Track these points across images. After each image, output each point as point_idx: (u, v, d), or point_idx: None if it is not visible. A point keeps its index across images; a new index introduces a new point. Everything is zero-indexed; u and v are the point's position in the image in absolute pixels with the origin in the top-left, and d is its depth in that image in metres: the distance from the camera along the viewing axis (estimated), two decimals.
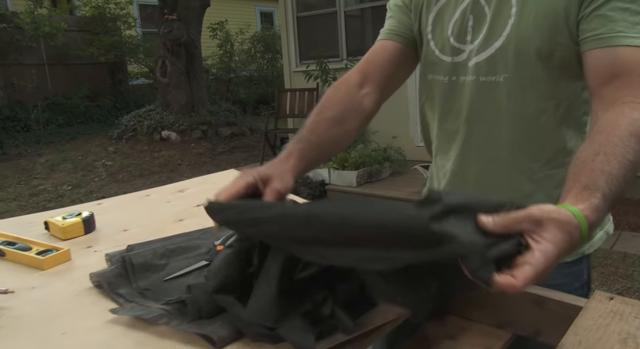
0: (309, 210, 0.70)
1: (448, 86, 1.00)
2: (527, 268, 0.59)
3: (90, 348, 0.70)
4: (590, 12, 0.82)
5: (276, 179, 0.81)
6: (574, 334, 0.70)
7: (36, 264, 1.00)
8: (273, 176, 0.82)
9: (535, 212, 0.61)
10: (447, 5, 0.98)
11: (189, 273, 0.90)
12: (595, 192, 0.67)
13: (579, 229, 0.63)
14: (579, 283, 0.99)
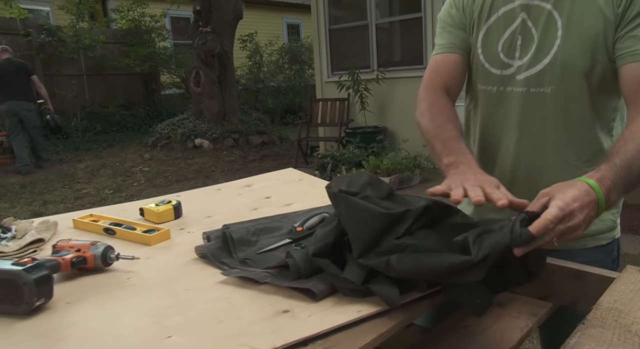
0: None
1: (497, 95, 1.15)
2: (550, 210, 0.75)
3: (212, 299, 0.87)
4: (625, 33, 0.98)
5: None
6: (610, 295, 0.85)
7: (144, 240, 1.18)
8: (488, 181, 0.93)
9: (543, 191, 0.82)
10: (496, 24, 1.14)
11: (276, 248, 1.07)
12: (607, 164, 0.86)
13: (589, 185, 0.81)
14: (610, 259, 1.14)
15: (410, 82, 5.69)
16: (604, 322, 0.77)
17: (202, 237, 1.15)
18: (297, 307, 0.82)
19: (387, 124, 5.90)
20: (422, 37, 5.52)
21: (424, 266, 0.79)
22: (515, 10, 1.11)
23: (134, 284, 0.96)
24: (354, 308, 0.81)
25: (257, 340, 0.73)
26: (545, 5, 1.07)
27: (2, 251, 1.12)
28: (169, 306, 0.86)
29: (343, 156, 5.11)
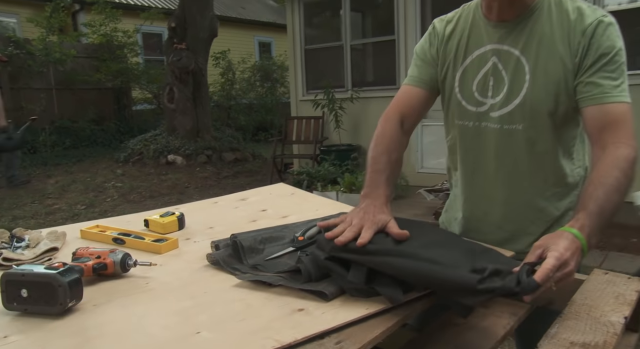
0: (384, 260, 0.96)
1: (473, 130, 1.29)
2: (548, 260, 0.88)
3: (230, 300, 0.96)
4: (584, 80, 1.14)
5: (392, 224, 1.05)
6: (581, 293, 0.98)
7: (154, 249, 1.25)
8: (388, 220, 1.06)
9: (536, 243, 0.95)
10: (471, 65, 1.28)
11: (282, 256, 1.16)
12: (583, 212, 0.99)
13: (573, 234, 0.94)
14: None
15: (384, 102, 5.85)
16: (577, 315, 0.90)
17: (210, 245, 1.23)
18: (310, 306, 0.92)
19: (360, 142, 6.06)
20: (395, 59, 5.73)
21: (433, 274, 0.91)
22: (487, 54, 1.25)
23: (153, 288, 1.04)
24: (362, 306, 0.91)
25: (279, 334, 0.82)
26: (513, 51, 1.21)
27: (19, 259, 1.17)
28: (191, 307, 0.94)
29: (318, 173, 5.23)
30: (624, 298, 0.95)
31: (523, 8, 1.20)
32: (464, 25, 1.30)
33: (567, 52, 1.16)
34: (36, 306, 0.91)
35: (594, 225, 0.97)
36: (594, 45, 1.13)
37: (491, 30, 1.24)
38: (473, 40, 1.27)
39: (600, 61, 1.13)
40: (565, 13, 1.18)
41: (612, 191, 1.02)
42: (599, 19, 1.14)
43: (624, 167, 1.05)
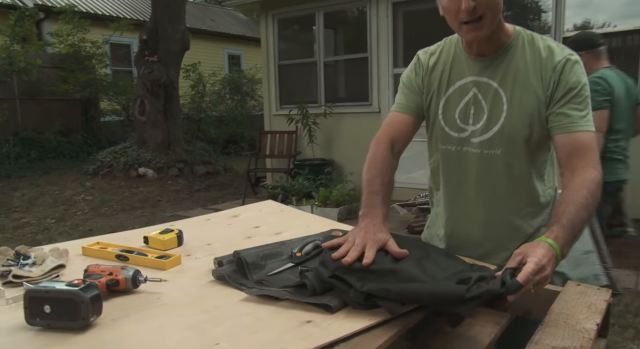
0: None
1: (455, 154, 1.41)
2: (529, 265, 0.99)
3: (241, 314, 1.03)
4: (555, 110, 1.27)
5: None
6: (558, 303, 1.10)
7: (158, 266, 1.31)
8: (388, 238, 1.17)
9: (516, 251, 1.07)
10: (453, 95, 1.40)
11: (283, 271, 1.24)
12: (557, 225, 1.12)
13: (549, 244, 1.06)
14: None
15: (356, 118, 6.03)
16: (556, 323, 1.01)
17: (213, 261, 1.29)
18: (317, 318, 1.00)
19: (333, 157, 6.18)
20: (367, 76, 5.89)
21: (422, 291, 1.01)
22: (468, 85, 1.37)
23: (165, 303, 1.10)
24: (364, 317, 1.00)
25: (292, 345, 0.90)
26: (492, 83, 1.34)
27: (28, 276, 1.21)
28: (205, 321, 1.00)
29: (293, 187, 5.30)
30: (595, 307, 1.07)
31: (500, 45, 1.33)
32: (446, 57, 1.42)
33: (540, 86, 1.29)
34: (59, 321, 0.96)
35: (566, 237, 1.09)
36: (563, 80, 1.27)
37: (471, 64, 1.37)
38: (455, 71, 1.39)
39: (568, 94, 1.27)
40: (537, 51, 1.31)
41: (582, 208, 1.15)
42: (567, 57, 1.28)
43: (591, 187, 1.18)
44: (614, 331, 2.90)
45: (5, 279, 1.21)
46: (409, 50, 5.91)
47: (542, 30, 4.88)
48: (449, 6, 1.25)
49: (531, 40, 1.33)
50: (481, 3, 1.21)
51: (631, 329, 2.92)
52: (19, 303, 1.10)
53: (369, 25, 5.80)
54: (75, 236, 5.01)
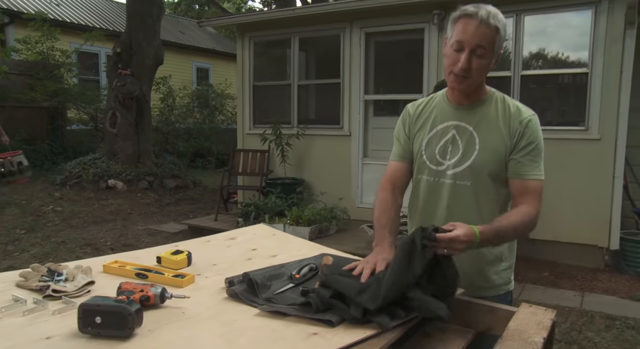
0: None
1: (433, 184, 1.67)
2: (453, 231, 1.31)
3: (257, 326, 1.24)
4: (515, 158, 1.57)
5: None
6: (514, 321, 1.35)
7: (176, 283, 1.50)
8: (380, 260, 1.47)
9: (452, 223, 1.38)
10: (435, 135, 1.67)
11: (286, 290, 1.45)
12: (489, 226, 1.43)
13: (474, 230, 1.36)
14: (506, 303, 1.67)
15: (327, 140, 6.30)
16: (512, 337, 1.26)
17: (224, 281, 1.50)
18: (322, 331, 1.22)
19: (304, 177, 6.41)
20: (339, 100, 6.17)
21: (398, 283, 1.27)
22: (449, 128, 1.65)
23: (190, 317, 1.30)
24: (360, 330, 1.23)
25: None
26: (468, 127, 1.62)
27: (65, 290, 1.39)
28: (229, 331, 1.21)
29: (266, 205, 5.49)
30: (543, 325, 1.33)
31: (477, 98, 1.62)
32: (432, 106, 1.72)
33: (507, 133, 1.57)
34: (107, 330, 1.15)
35: (490, 236, 1.42)
36: (527, 134, 1.56)
37: (453, 111, 1.65)
38: (439, 116, 1.68)
39: (528, 147, 1.56)
40: (508, 107, 1.61)
41: (511, 226, 1.49)
42: (531, 116, 1.58)
43: (524, 217, 1.51)
44: (560, 346, 3.22)
45: (44, 293, 1.38)
46: (379, 77, 6.25)
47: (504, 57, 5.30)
48: (451, 55, 1.53)
49: (502, 99, 1.63)
50: (473, 69, 1.50)
51: (575, 344, 3.25)
52: (63, 314, 1.28)
53: (342, 53, 6.10)
54: (48, 248, 5.04)
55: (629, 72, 4.59)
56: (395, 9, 5.58)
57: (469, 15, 1.50)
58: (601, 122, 4.79)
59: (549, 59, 5.24)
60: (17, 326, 1.21)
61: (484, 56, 1.50)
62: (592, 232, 4.87)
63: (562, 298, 4.13)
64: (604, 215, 4.79)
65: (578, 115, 5.05)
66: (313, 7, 6.28)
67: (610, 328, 3.54)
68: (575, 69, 5.05)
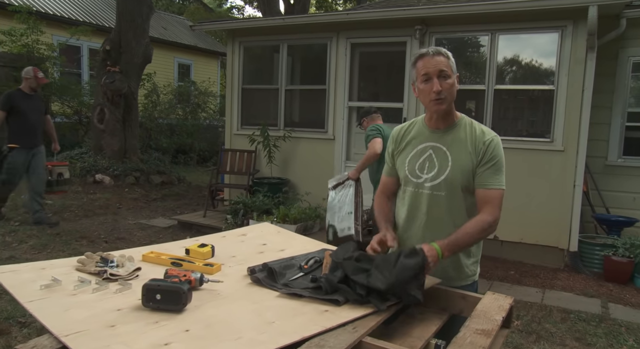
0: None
1: (414, 194, 2.03)
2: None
3: (279, 305, 1.56)
4: (478, 172, 1.92)
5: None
6: (481, 304, 1.72)
7: (206, 271, 1.82)
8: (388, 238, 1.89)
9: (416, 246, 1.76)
10: (415, 154, 2.03)
11: (298, 277, 1.79)
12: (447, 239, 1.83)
13: (435, 247, 1.76)
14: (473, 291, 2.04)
15: (312, 143, 6.63)
16: (479, 316, 1.63)
17: (246, 270, 1.82)
18: (331, 309, 1.56)
19: (289, 177, 6.73)
20: (325, 106, 6.52)
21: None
22: (427, 148, 2.01)
23: (225, 297, 1.62)
24: (361, 309, 1.57)
25: (324, 323, 1.45)
26: (442, 147, 1.98)
27: (119, 274, 1.69)
28: (259, 309, 1.54)
29: (254, 203, 5.80)
30: (502, 307, 1.70)
31: (450, 123, 1.99)
32: (414, 129, 2.08)
33: (473, 152, 1.94)
34: (165, 305, 1.47)
35: (450, 247, 1.82)
36: (489, 152, 1.93)
37: (430, 134, 2.02)
38: (418, 138, 2.05)
39: (490, 162, 1.92)
40: (474, 130, 1.97)
41: (467, 235, 1.87)
42: (493, 137, 1.95)
43: (478, 224, 1.88)
44: (521, 336, 3.63)
45: (102, 276, 1.69)
46: (363, 85, 6.62)
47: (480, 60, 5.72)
48: (424, 88, 1.92)
49: (470, 123, 2.00)
50: (444, 89, 1.89)
51: (534, 334, 3.67)
52: (123, 293, 1.59)
53: (329, 61, 6.44)
54: (44, 239, 5.26)
55: (590, 91, 5.06)
56: (379, 23, 5.95)
57: (422, 55, 1.94)
58: (565, 135, 5.25)
59: (519, 75, 5.69)
60: (90, 301, 1.52)
61: (449, 77, 1.90)
62: (554, 235, 5.34)
63: (525, 293, 4.56)
64: (565, 220, 5.26)
65: (545, 127, 5.51)
66: (302, 17, 6.61)
67: (565, 320, 3.97)
68: (542, 85, 5.51)
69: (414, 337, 1.66)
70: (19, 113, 5.66)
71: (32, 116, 5.78)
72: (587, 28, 4.79)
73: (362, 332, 1.44)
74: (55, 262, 1.85)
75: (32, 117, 5.78)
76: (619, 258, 4.99)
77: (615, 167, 5.98)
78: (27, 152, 5.74)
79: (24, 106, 5.72)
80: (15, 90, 5.92)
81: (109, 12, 15.09)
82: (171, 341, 1.29)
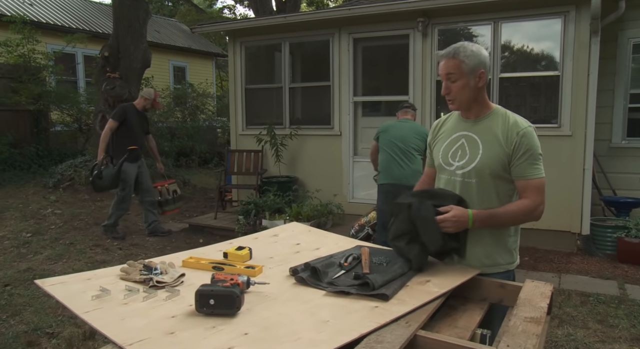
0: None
1: (447, 181, 2.07)
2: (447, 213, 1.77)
3: (329, 304, 1.58)
4: (516, 163, 1.96)
5: None
6: (523, 292, 1.74)
7: (249, 273, 1.83)
8: None
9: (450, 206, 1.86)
10: (449, 144, 2.07)
11: (340, 276, 1.81)
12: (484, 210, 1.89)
13: (468, 213, 1.85)
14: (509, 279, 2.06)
15: (319, 139, 6.65)
16: (524, 304, 1.65)
17: (288, 270, 1.84)
18: (380, 304, 1.58)
19: (298, 175, 6.75)
20: (330, 102, 6.53)
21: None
22: (460, 137, 2.05)
23: (274, 299, 1.64)
24: (409, 303, 1.59)
25: (376, 318, 1.47)
26: (474, 136, 2.02)
27: (165, 281, 1.71)
28: (311, 308, 1.55)
29: (265, 203, 5.82)
30: (545, 294, 1.73)
31: (481, 114, 2.04)
32: (450, 120, 2.16)
33: (505, 142, 1.97)
34: (218, 309, 1.48)
35: (483, 217, 1.90)
36: (523, 143, 1.95)
37: (463, 123, 2.07)
38: (453, 128, 2.11)
39: (526, 154, 1.95)
40: (508, 120, 2.00)
41: (506, 212, 1.94)
42: (526, 127, 1.97)
43: (520, 206, 1.95)
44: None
45: (148, 284, 1.71)
46: (367, 80, 6.63)
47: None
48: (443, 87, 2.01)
49: (504, 113, 2.03)
50: (452, 92, 1.98)
51: (556, 318, 3.70)
52: (173, 300, 1.61)
53: (332, 57, 6.45)
54: (59, 249, 5.26)
55: (595, 75, 5.09)
56: (381, 17, 5.96)
57: (441, 56, 2.01)
58: (572, 120, 5.28)
59: (524, 63, 5.71)
60: (143, 309, 1.53)
61: (456, 79, 1.96)
62: (566, 220, 5.37)
63: (542, 279, 4.54)
64: (576, 204, 5.29)
65: (551, 113, 5.54)
66: (304, 14, 6.61)
67: (585, 303, 4.01)
68: (547, 72, 5.53)
69: (461, 328, 1.69)
70: (128, 127, 5.87)
71: (138, 132, 6.02)
72: (591, 12, 4.81)
73: (415, 326, 1.46)
74: (98, 272, 1.86)
75: (138, 133, 6.01)
76: (632, 239, 5.03)
77: (619, 149, 6.02)
78: (134, 165, 5.91)
79: (134, 121, 5.95)
80: (129, 104, 6.18)
81: (102, 19, 15.04)
82: (233, 345, 1.31)
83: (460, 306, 1.83)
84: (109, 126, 5.84)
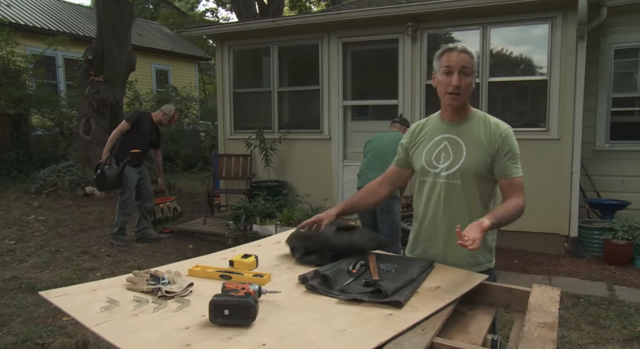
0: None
1: (431, 183, 2.10)
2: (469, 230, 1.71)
3: (343, 312, 1.57)
4: (499, 163, 2.00)
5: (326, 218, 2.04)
6: (533, 297, 1.75)
7: (258, 281, 1.81)
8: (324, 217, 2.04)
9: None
10: (432, 145, 2.10)
11: (349, 283, 1.79)
12: (492, 213, 1.87)
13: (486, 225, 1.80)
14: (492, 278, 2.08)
15: (309, 144, 6.63)
16: (535, 309, 1.66)
17: (297, 278, 1.82)
18: (395, 312, 1.57)
19: (287, 179, 6.72)
20: (319, 106, 6.52)
21: None
22: (442, 139, 2.10)
23: (286, 307, 1.62)
24: (423, 310, 1.59)
25: (392, 326, 1.46)
26: (456, 138, 2.06)
27: (174, 291, 1.67)
28: (323, 317, 1.54)
29: (255, 207, 5.78)
30: (554, 299, 1.74)
31: (463, 116, 2.09)
32: (429, 123, 2.18)
33: (488, 144, 2.02)
34: (233, 320, 1.46)
35: (493, 221, 1.84)
36: (505, 143, 2.01)
37: (445, 126, 2.11)
38: (435, 131, 2.14)
39: (508, 154, 2.02)
40: (488, 123, 2.06)
41: (507, 212, 1.92)
42: (507, 128, 2.05)
43: (515, 206, 1.96)
44: None
45: (156, 294, 1.67)
46: (357, 84, 6.64)
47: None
48: (444, 80, 2.02)
49: (484, 116, 2.09)
50: (463, 86, 1.99)
51: None
52: (183, 310, 1.57)
53: (321, 61, 6.44)
54: (45, 257, 5.15)
55: (582, 79, 5.18)
56: (371, 21, 5.98)
57: (450, 49, 2.02)
58: (560, 124, 5.36)
59: (512, 67, 5.78)
60: (155, 320, 1.50)
61: (469, 74, 1.99)
62: (554, 222, 5.44)
63: (532, 281, 4.62)
64: (565, 207, 5.37)
65: (539, 117, 5.61)
66: (293, 18, 6.59)
67: (576, 305, 4.06)
68: (535, 76, 5.61)
69: (472, 334, 1.68)
70: (138, 133, 5.89)
71: (145, 140, 6.03)
72: (578, 17, 4.89)
73: (432, 333, 1.46)
74: (103, 282, 1.82)
75: (145, 141, 6.02)
76: (619, 241, 5.12)
77: (603, 152, 6.12)
78: (135, 170, 5.94)
79: (146, 129, 5.97)
80: (146, 113, 6.23)
81: (83, 21, 14.83)
82: None
83: (468, 312, 1.83)
84: (120, 127, 5.84)
